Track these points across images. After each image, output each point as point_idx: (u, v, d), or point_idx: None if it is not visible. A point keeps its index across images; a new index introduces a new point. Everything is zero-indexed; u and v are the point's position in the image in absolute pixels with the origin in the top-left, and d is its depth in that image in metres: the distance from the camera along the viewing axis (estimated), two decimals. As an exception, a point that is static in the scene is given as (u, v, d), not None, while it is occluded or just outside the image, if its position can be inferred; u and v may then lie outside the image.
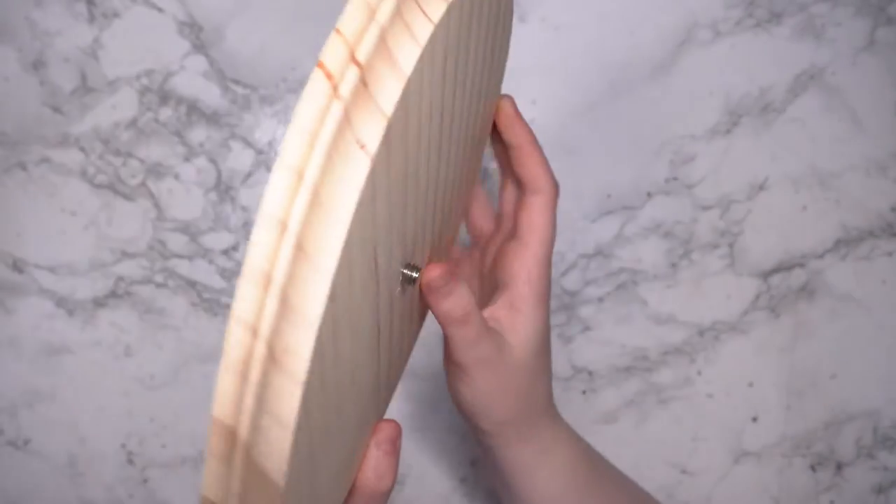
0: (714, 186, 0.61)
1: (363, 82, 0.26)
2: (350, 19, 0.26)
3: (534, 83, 0.61)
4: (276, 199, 0.25)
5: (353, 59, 0.26)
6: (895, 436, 0.59)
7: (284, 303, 0.25)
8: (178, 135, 0.61)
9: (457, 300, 0.37)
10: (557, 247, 0.61)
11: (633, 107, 0.61)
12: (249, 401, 0.25)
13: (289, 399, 0.25)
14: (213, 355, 0.60)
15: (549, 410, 0.44)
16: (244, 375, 0.25)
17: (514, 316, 0.40)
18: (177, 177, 0.61)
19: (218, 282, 0.60)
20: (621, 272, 0.60)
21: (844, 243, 0.60)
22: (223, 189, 0.61)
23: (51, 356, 0.60)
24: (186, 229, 0.60)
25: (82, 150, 0.61)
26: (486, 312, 0.41)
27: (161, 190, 0.61)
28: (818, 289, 0.60)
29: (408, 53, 0.27)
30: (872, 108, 0.60)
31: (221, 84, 0.61)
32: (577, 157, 0.61)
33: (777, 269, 0.60)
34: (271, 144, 0.61)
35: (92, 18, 0.61)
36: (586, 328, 0.60)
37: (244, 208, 0.60)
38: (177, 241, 0.60)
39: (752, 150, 0.61)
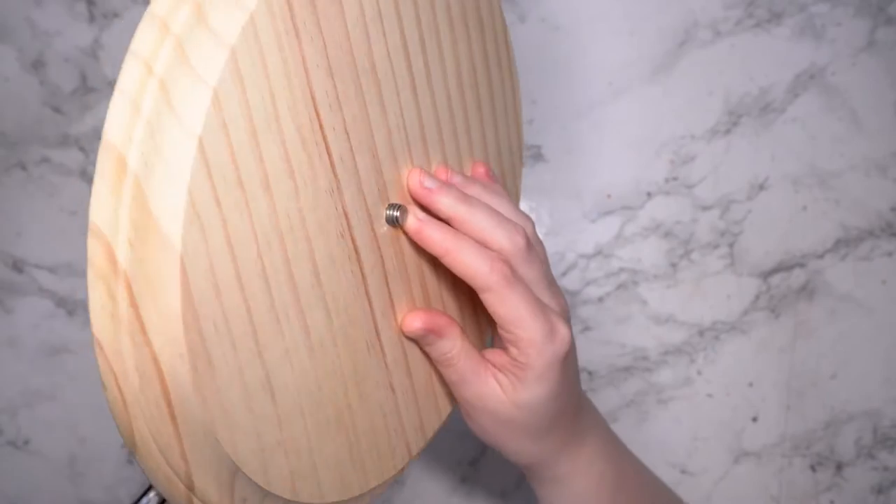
0: (714, 186, 0.60)
1: None
2: None
3: (534, 83, 0.61)
4: None
5: None
6: (895, 436, 0.59)
7: (181, 51, 0.26)
8: (178, 135, 0.61)
9: (436, 349, 0.38)
10: (557, 247, 0.62)
11: (633, 107, 0.61)
12: (140, 132, 0.26)
13: (183, 150, 0.26)
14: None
15: (568, 445, 0.41)
16: (136, 106, 0.26)
17: (515, 380, 0.38)
18: (177, 177, 0.61)
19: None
20: (621, 272, 0.60)
21: (844, 243, 0.60)
22: (223, 189, 0.61)
23: (51, 356, 0.60)
24: (186, 229, 0.60)
25: (82, 150, 0.61)
26: (496, 357, 0.39)
27: (161, 190, 0.61)
28: (818, 289, 0.60)
29: None
30: (872, 108, 0.60)
31: (221, 84, 0.61)
32: (577, 157, 0.61)
33: (777, 269, 0.60)
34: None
35: (92, 18, 0.61)
36: (586, 328, 0.60)
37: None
38: (177, 241, 0.60)
39: (752, 150, 0.61)
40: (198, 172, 0.27)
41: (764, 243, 0.60)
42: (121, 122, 0.26)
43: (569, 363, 0.38)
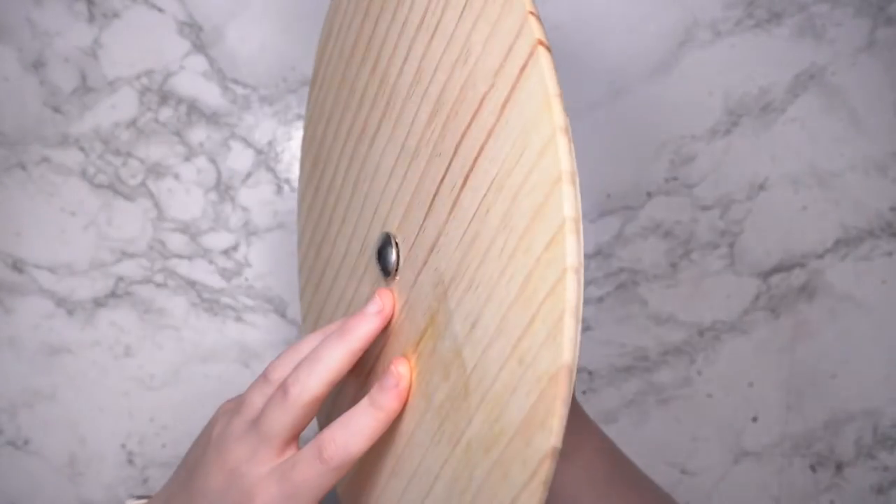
0: (714, 186, 0.60)
1: None
2: None
3: (534, 83, 0.61)
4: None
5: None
6: (895, 436, 0.59)
7: None
8: (178, 135, 0.61)
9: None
10: (557, 247, 0.61)
11: (633, 107, 0.61)
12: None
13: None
14: (213, 355, 0.60)
15: (573, 416, 0.44)
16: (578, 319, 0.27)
17: None
18: (177, 177, 0.61)
19: (218, 282, 0.60)
20: (621, 272, 0.60)
21: (844, 243, 0.60)
22: (223, 189, 0.61)
23: (51, 356, 0.60)
24: (186, 229, 0.60)
25: (82, 150, 0.61)
26: None
27: (161, 190, 0.61)
28: (818, 289, 0.60)
29: None
30: (872, 108, 0.60)
31: (221, 84, 0.61)
32: (577, 157, 0.61)
33: (777, 269, 0.60)
34: (271, 144, 0.61)
35: (92, 18, 0.61)
36: (586, 328, 0.60)
37: (244, 208, 0.60)
38: (177, 241, 0.60)
39: (752, 150, 0.61)
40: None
41: (764, 243, 0.60)
42: (574, 336, 0.27)
43: None
